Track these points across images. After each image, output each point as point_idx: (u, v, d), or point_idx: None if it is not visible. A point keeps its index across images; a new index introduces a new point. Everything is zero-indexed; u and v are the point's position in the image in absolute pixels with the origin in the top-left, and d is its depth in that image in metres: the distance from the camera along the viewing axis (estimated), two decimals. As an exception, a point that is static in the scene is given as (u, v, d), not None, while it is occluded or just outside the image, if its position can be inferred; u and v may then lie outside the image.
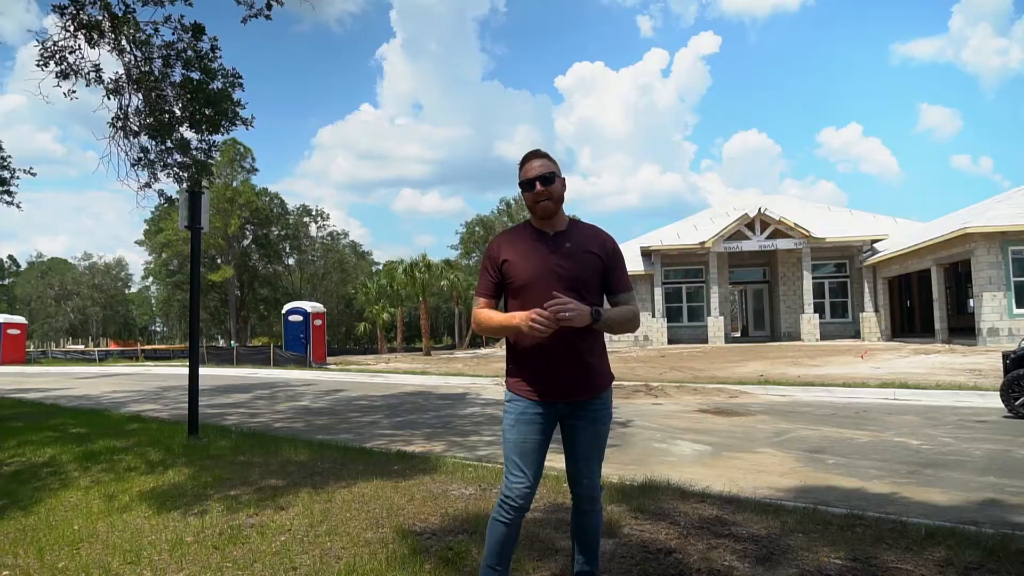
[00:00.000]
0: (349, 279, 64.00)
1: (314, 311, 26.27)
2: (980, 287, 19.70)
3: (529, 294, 2.48)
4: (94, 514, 4.57)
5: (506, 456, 2.57)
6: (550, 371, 2.50)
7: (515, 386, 2.57)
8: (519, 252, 2.55)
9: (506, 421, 2.58)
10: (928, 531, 3.62)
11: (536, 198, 2.53)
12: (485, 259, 2.63)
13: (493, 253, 2.59)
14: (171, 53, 6.97)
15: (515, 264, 2.53)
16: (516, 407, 2.55)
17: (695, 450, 6.67)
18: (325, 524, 4.01)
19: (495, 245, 2.61)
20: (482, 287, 2.61)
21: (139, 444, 6.98)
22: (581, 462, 2.59)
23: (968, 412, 8.67)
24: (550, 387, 2.51)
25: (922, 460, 5.92)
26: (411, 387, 14.93)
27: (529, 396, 2.53)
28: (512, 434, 2.55)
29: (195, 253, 7.04)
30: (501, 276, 2.57)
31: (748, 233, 28.63)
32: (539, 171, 2.54)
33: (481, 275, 2.63)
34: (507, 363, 2.64)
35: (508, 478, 2.54)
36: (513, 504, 2.50)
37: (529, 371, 2.53)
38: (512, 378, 2.59)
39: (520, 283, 2.52)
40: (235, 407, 11.37)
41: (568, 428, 2.60)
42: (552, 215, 2.56)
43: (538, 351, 2.49)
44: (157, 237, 51.74)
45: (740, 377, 14.26)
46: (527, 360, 2.54)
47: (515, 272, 2.53)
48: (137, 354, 38.54)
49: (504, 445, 2.58)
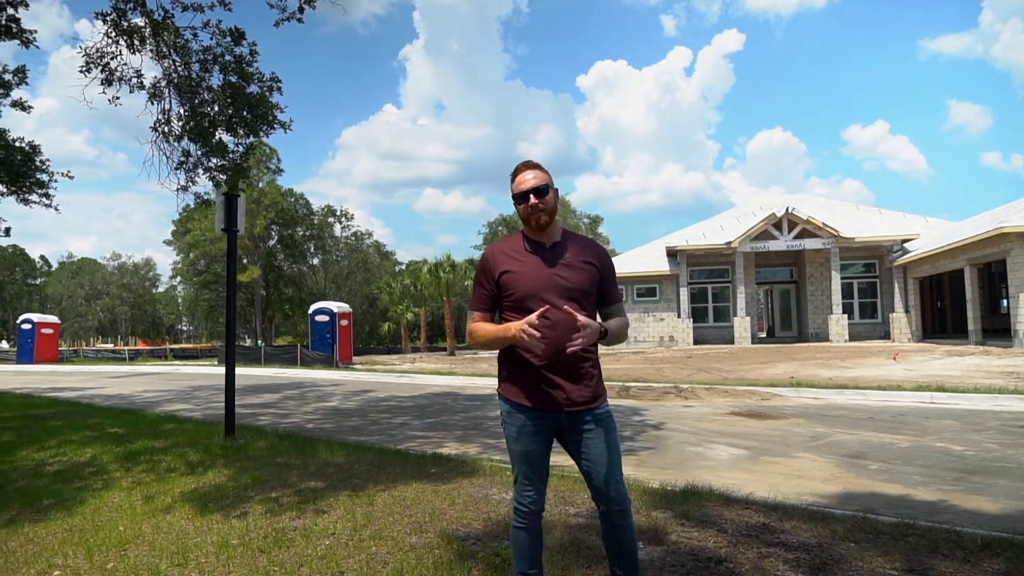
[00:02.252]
0: (373, 279, 64.39)
1: (340, 311, 26.45)
2: (1016, 288, 19.27)
3: (530, 306, 2.45)
4: (138, 515, 4.63)
5: (515, 468, 2.58)
6: (550, 380, 2.49)
7: (512, 394, 2.54)
8: (518, 264, 2.52)
9: (508, 432, 2.57)
10: (984, 541, 3.53)
11: (530, 211, 2.51)
12: (478, 273, 2.59)
13: (488, 266, 2.55)
14: (209, 58, 7.05)
15: (515, 276, 2.50)
16: (516, 419, 2.54)
17: (732, 454, 6.59)
18: (368, 528, 4.02)
19: (490, 257, 2.57)
20: (476, 301, 2.58)
21: (177, 444, 7.07)
22: (604, 474, 2.50)
23: (1010, 417, 8.47)
24: (548, 396, 2.49)
25: (967, 467, 5.79)
26: (438, 388, 14.96)
27: (526, 405, 2.51)
28: (517, 446, 2.55)
29: (231, 255, 7.11)
30: (498, 289, 2.53)
31: (775, 233, 28.31)
32: (532, 183, 2.52)
33: (474, 289, 2.59)
34: (500, 369, 2.60)
35: (519, 488, 2.57)
36: (528, 510, 2.56)
37: (526, 379, 2.51)
38: (509, 385, 2.56)
39: (520, 295, 2.49)
40: (266, 407, 11.47)
41: (577, 442, 2.53)
42: (547, 227, 2.55)
43: (531, 359, 2.49)
44: (185, 238, 52.49)
45: (770, 379, 14.09)
46: (524, 367, 2.51)
47: (515, 284, 2.49)
48: (166, 353, 39.14)
49: (510, 456, 2.59)
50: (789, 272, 32.17)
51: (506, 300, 2.53)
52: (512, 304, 2.51)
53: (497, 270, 2.52)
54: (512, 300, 2.51)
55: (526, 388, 2.51)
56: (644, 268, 31.04)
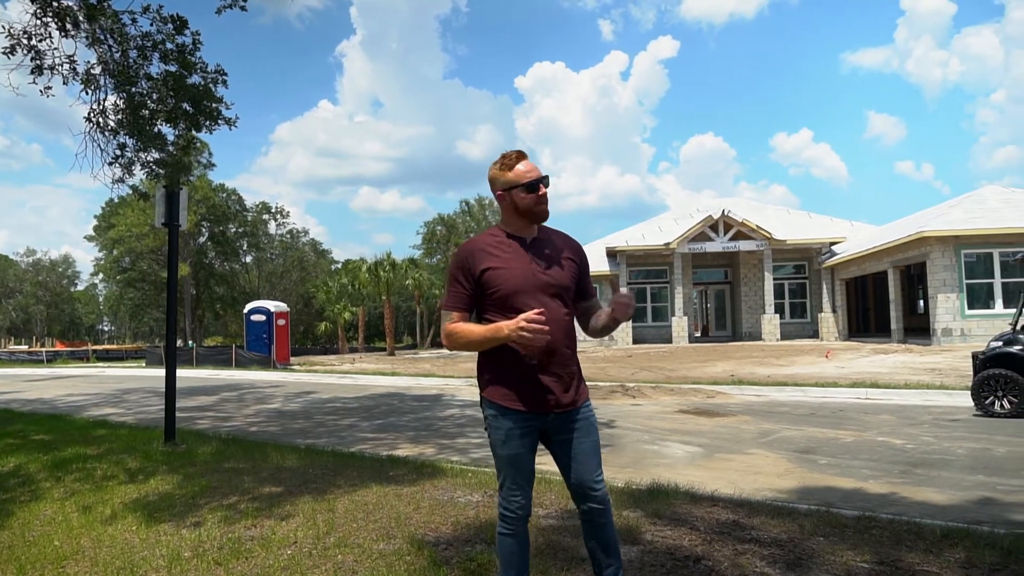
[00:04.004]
0: (308, 278, 62.92)
1: (277, 311, 25.70)
2: (935, 289, 20.34)
3: (516, 303, 2.35)
4: (75, 528, 4.31)
5: (501, 473, 2.46)
6: (539, 381, 2.39)
7: (500, 398, 2.41)
8: (500, 260, 2.40)
9: (494, 437, 2.44)
10: (943, 532, 3.65)
11: (539, 200, 2.43)
12: (455, 270, 2.42)
13: (467, 262, 2.40)
14: (148, 44, 6.63)
15: (498, 273, 2.38)
16: (503, 423, 2.41)
17: (687, 452, 6.67)
18: (332, 535, 3.85)
19: (468, 254, 2.41)
20: (454, 300, 2.41)
21: (112, 451, 6.67)
22: (589, 474, 2.47)
23: (940, 411, 8.90)
24: (540, 397, 2.40)
25: (910, 460, 6.03)
26: (383, 388, 14.70)
27: (516, 408, 2.39)
28: (505, 450, 2.43)
29: (172, 251, 6.76)
30: (478, 287, 2.39)
31: (712, 235, 29.06)
32: (538, 173, 2.44)
33: (451, 287, 2.43)
34: (483, 372, 2.47)
35: (507, 494, 2.45)
36: (516, 516, 2.45)
37: (515, 381, 2.39)
38: (495, 388, 2.42)
39: (505, 293, 2.37)
40: (203, 411, 11.00)
41: (563, 443, 2.46)
42: (546, 219, 2.50)
43: (518, 360, 2.37)
44: (108, 233, 49.90)
45: (712, 377, 14.43)
46: (511, 369, 2.39)
47: (499, 281, 2.37)
48: (88, 355, 37.20)
49: (497, 461, 2.47)
50: (724, 273, 33.11)
51: (489, 298, 2.39)
52: (495, 302, 2.38)
53: (478, 267, 2.38)
54: (496, 298, 2.38)
55: (515, 390, 2.40)
56: (585, 268, 31.32)
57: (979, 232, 19.85)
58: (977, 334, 19.67)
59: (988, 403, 8.26)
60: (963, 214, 21.14)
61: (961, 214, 21.17)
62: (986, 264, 20.26)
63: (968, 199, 23.15)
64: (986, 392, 8.32)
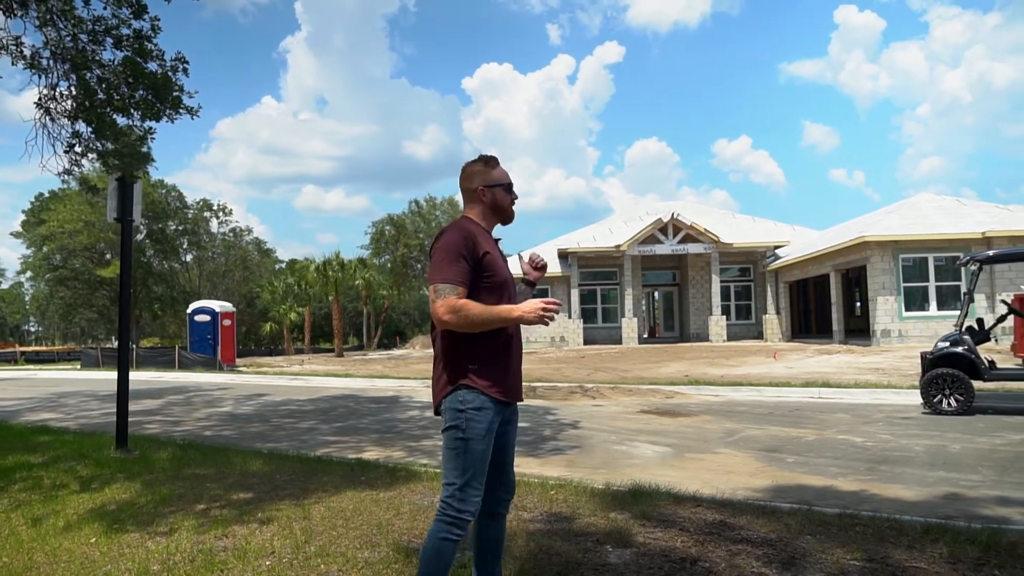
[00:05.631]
0: (252, 277, 61.24)
1: (223, 311, 24.88)
2: (875, 291, 21.13)
3: (507, 292, 2.46)
4: (25, 541, 4.02)
5: (468, 471, 2.34)
6: (516, 370, 2.51)
7: (489, 387, 2.37)
8: (493, 248, 2.49)
9: (474, 430, 2.34)
10: (923, 528, 3.74)
11: (513, 202, 2.62)
12: (459, 247, 2.34)
13: (472, 242, 2.37)
14: (100, 28, 6.25)
15: (494, 260, 2.45)
16: (487, 414, 2.36)
17: (656, 452, 6.70)
18: (312, 544, 3.69)
19: (473, 234, 2.41)
20: (459, 274, 2.32)
21: (60, 458, 6.27)
22: (510, 467, 2.59)
23: (890, 409, 9.20)
24: (517, 387, 2.51)
25: (873, 457, 6.19)
26: (336, 390, 14.38)
27: (502, 398, 2.41)
28: (483, 444, 2.36)
29: (126, 248, 6.42)
30: (477, 269, 2.39)
31: (661, 237, 29.52)
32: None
33: (455, 262, 2.32)
34: (467, 359, 2.38)
35: (470, 494, 2.34)
36: (471, 518, 2.37)
37: (501, 371, 2.43)
38: (481, 378, 2.37)
39: (500, 280, 2.45)
40: (151, 414, 10.52)
41: (505, 433, 2.54)
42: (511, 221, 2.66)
43: (505, 349, 2.45)
44: (39, 229, 47.42)
45: (667, 378, 14.61)
46: (499, 358, 2.43)
47: (495, 267, 2.44)
48: (16, 357, 35.30)
49: (466, 458, 2.34)
50: (672, 275, 33.71)
51: (485, 282, 2.40)
52: (490, 287, 2.41)
53: (481, 249, 2.40)
54: (491, 283, 2.42)
55: (500, 380, 2.42)
56: (537, 269, 31.43)
57: (916, 237, 20.71)
58: (914, 335, 20.55)
59: (936, 401, 8.58)
60: (900, 220, 22.03)
61: (898, 220, 22.06)
62: (921, 268, 21.15)
63: (904, 206, 24.15)
64: (934, 391, 8.63)
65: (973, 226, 20.82)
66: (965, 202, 24.04)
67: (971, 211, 22.53)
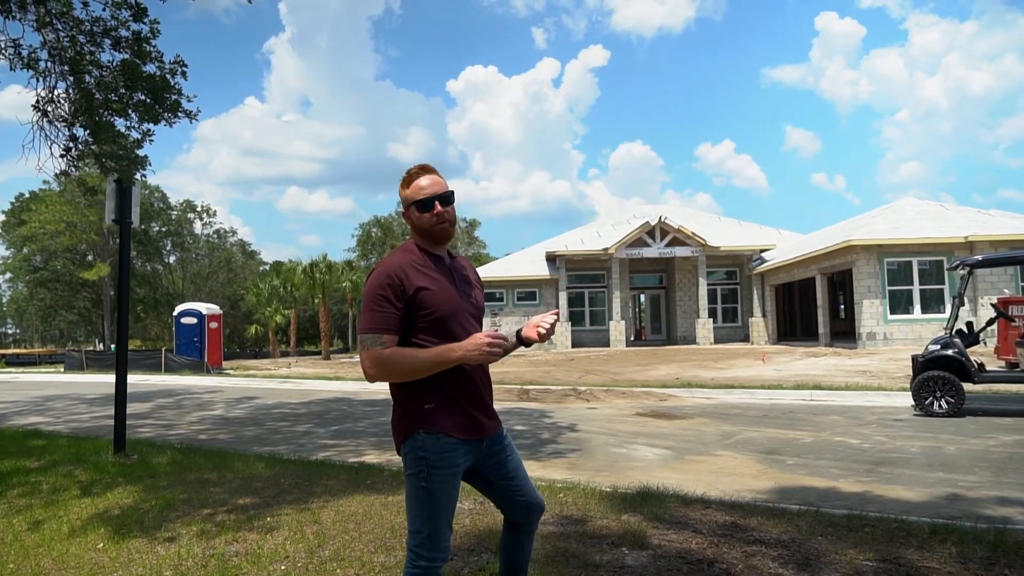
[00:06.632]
0: (236, 279, 60.74)
1: (210, 313, 24.65)
2: (860, 295, 21.38)
3: (450, 327, 2.17)
4: (29, 547, 3.98)
5: (433, 520, 2.13)
6: (481, 404, 2.24)
7: (453, 428, 2.14)
8: (431, 280, 2.18)
9: (438, 477, 2.11)
10: (931, 529, 3.79)
11: (435, 220, 2.23)
12: (382, 289, 2.11)
13: (398, 281, 2.12)
14: (99, 30, 6.17)
15: (432, 294, 2.15)
16: (453, 458, 2.13)
17: (657, 454, 6.74)
18: (326, 548, 3.68)
19: (398, 271, 2.14)
20: (383, 321, 2.09)
21: (57, 463, 6.20)
22: (529, 486, 2.37)
23: (882, 411, 9.32)
24: (483, 423, 2.23)
25: (871, 459, 6.27)
26: (328, 393, 14.30)
27: (468, 437, 2.18)
28: (447, 489, 2.14)
29: (124, 249, 6.37)
30: (409, 308, 2.13)
31: (649, 240, 29.68)
32: (436, 189, 2.23)
33: (380, 307, 2.10)
34: (422, 399, 2.14)
35: (438, 542, 2.14)
36: (443, 563, 2.18)
37: (461, 408, 2.18)
38: (445, 417, 2.14)
39: (440, 315, 2.16)
40: (142, 418, 10.40)
41: (498, 465, 2.31)
42: (449, 240, 2.30)
43: (463, 385, 2.19)
44: (19, 230, 46.69)
45: (658, 380, 14.69)
46: (456, 395, 2.17)
47: (433, 303, 2.15)
48: (-5, 360, 34.76)
49: (433, 505, 2.12)
50: (659, 278, 33.89)
51: (421, 321, 2.14)
52: (428, 325, 2.15)
53: (411, 287, 2.13)
54: (429, 321, 2.15)
55: (465, 418, 2.18)
56: (524, 272, 31.49)
57: (901, 241, 20.99)
58: (899, 338, 20.82)
59: (928, 403, 8.70)
60: (885, 224, 22.32)
61: (883, 224, 22.35)
62: (906, 272, 21.43)
63: (889, 210, 24.47)
64: (925, 393, 8.75)
65: (956, 230, 21.14)
66: (948, 207, 24.40)
67: (954, 216, 22.88)
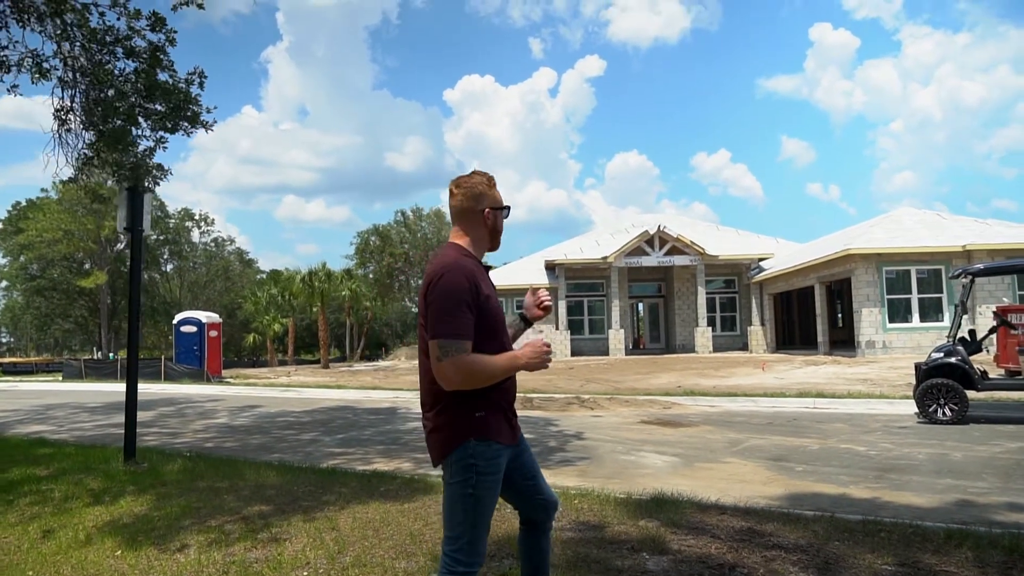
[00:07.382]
0: (234, 288, 60.65)
1: (209, 321, 24.62)
2: (859, 303, 21.47)
3: (500, 335, 2.20)
4: (46, 554, 3.99)
5: (480, 524, 2.14)
6: (513, 408, 2.29)
7: (500, 435, 2.17)
8: (491, 287, 2.23)
9: (484, 484, 2.11)
10: (946, 534, 3.82)
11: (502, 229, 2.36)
12: (461, 294, 2.07)
13: (472, 285, 2.09)
14: (111, 40, 6.21)
15: (494, 302, 2.20)
16: (499, 464, 2.16)
17: (665, 461, 6.76)
18: (347, 555, 3.69)
19: (472, 275, 2.11)
20: (465, 328, 2.06)
21: (66, 471, 6.19)
22: (544, 482, 2.43)
23: (886, 419, 9.35)
24: (516, 426, 2.29)
25: (879, 465, 6.30)
26: (331, 402, 14.29)
27: (508, 442, 2.21)
28: (491, 498, 2.15)
29: (136, 257, 6.39)
30: (479, 315, 2.12)
31: (647, 249, 29.77)
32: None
33: (460, 313, 2.06)
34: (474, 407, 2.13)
35: (478, 546, 2.15)
36: (479, 567, 2.19)
37: (503, 415, 2.22)
38: (494, 425, 2.15)
39: (497, 323, 2.19)
40: (146, 427, 10.38)
41: (521, 466, 2.34)
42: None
43: (506, 391, 2.22)
44: (17, 238, 46.61)
45: (660, 388, 14.71)
46: (501, 403, 2.21)
47: (494, 311, 2.18)
48: (-9, 369, 34.61)
49: (478, 512, 2.12)
50: (658, 287, 33.96)
51: (482, 328, 2.13)
52: (488, 333, 2.15)
53: (482, 293, 2.13)
54: (489, 328, 2.15)
55: (507, 423, 2.22)
56: (524, 281, 31.52)
57: (899, 250, 21.10)
58: (897, 346, 20.89)
59: (932, 411, 8.74)
60: (883, 233, 22.44)
61: (882, 233, 22.47)
62: (904, 281, 21.54)
63: (886, 219, 24.60)
64: (929, 400, 8.79)
65: (953, 239, 21.27)
66: (945, 216, 24.56)
67: (951, 225, 23.02)
